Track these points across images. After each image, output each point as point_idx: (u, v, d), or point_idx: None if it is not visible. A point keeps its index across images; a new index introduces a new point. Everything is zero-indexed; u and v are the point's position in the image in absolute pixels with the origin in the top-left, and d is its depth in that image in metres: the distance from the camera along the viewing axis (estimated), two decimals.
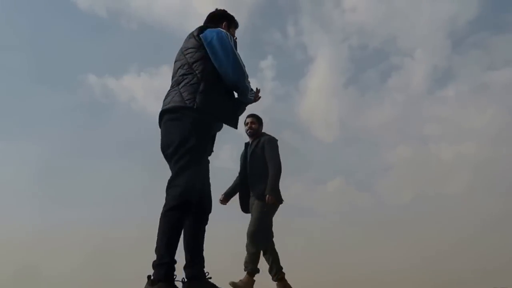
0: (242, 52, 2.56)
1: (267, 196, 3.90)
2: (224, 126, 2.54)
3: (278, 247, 4.08)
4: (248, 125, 4.26)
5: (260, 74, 10.47)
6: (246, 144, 4.31)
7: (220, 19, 2.75)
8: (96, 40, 10.43)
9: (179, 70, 2.45)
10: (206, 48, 2.40)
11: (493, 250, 6.64)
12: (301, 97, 10.79)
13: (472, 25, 9.92)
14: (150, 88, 10.82)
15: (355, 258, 7.12)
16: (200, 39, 2.43)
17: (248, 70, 2.56)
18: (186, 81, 2.36)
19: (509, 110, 9.69)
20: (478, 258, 6.58)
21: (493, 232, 7.23)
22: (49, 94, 10.17)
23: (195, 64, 2.38)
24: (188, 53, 2.44)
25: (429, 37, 10.46)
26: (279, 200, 4.01)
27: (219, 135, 2.60)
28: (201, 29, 2.51)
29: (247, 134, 4.30)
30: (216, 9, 2.82)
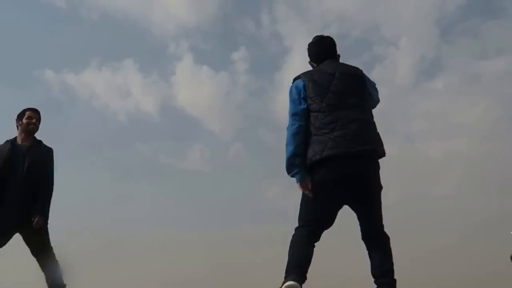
0: (212, 43, 2.11)
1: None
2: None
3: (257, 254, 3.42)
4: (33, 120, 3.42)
5: (232, 67, 10.01)
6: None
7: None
8: (54, 32, 9.94)
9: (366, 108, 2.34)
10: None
11: (484, 252, 6.28)
12: (276, 92, 10.17)
13: (461, 11, 9.62)
14: (112, 84, 10.40)
15: (339, 263, 6.61)
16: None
17: (218, 62, 2.09)
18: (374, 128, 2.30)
19: (502, 103, 9.32)
20: (468, 260, 6.24)
21: (484, 233, 6.88)
22: (0, 91, 9.57)
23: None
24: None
25: (415, 24, 10.05)
26: None
27: (188, 136, 2.07)
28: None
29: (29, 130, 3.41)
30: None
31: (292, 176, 2.23)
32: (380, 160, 2.31)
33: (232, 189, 9.63)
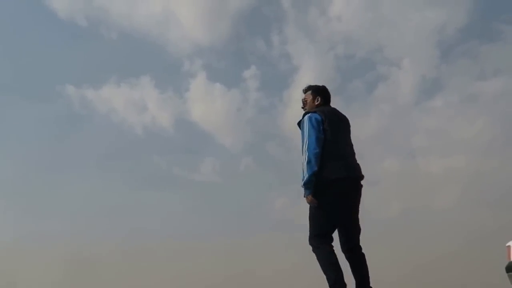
0: (225, 61, 2.58)
1: None
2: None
3: (270, 263, 3.70)
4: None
5: (243, 85, 10.40)
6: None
7: None
8: (75, 50, 10.32)
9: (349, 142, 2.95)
10: None
11: (481, 262, 6.48)
12: (285, 108, 10.63)
13: (461, 33, 9.93)
14: (130, 99, 10.76)
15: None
16: None
17: (231, 80, 2.68)
18: None
19: (499, 121, 9.65)
20: (466, 269, 6.46)
21: (481, 245, 7.09)
22: (24, 105, 10.00)
23: None
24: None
25: (417, 46, 10.41)
26: None
27: (201, 149, 2.50)
28: None
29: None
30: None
31: (306, 189, 2.72)
32: (382, 175, 2.94)
33: (242, 200, 9.91)
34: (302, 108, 3.20)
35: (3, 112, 9.95)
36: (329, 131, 2.76)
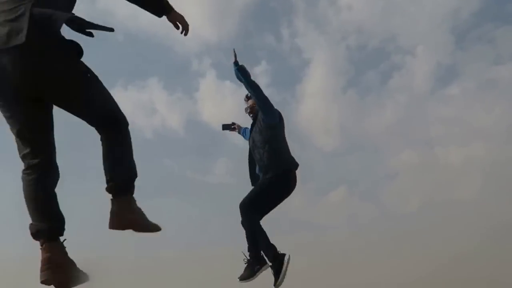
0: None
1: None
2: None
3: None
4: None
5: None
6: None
7: None
8: None
9: None
10: None
11: (507, 257, 6.22)
12: (298, 104, 10.48)
13: (475, 18, 9.71)
14: (138, 102, 10.68)
15: (361, 272, 6.82)
16: None
17: None
18: None
19: None
20: (491, 266, 6.23)
21: (507, 238, 6.82)
22: None
23: None
24: None
25: (430, 33, 10.20)
26: None
27: (214, 150, 2.44)
28: None
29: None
30: None
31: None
32: (400, 168, 3.06)
33: None
34: (248, 111, 3.94)
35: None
36: (283, 130, 3.76)
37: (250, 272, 3.45)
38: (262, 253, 3.47)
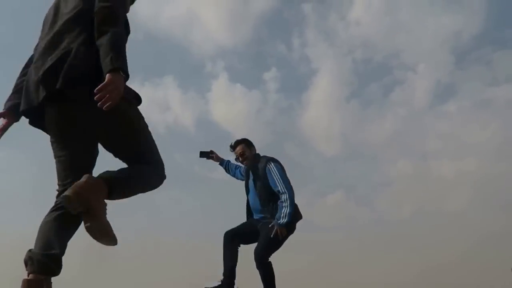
0: (246, 63, 2.70)
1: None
2: None
3: (278, 262, 3.86)
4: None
5: (263, 86, 10.60)
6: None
7: None
8: None
9: None
10: None
11: (493, 267, 6.61)
12: (303, 110, 10.95)
13: (475, 40, 10.05)
14: (153, 99, 10.97)
15: (354, 273, 7.15)
16: None
17: (251, 81, 3.01)
18: None
19: (511, 126, 9.75)
20: (475, 273, 6.59)
21: (491, 247, 7.26)
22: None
23: None
24: None
25: (433, 51, 10.62)
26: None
27: (222, 149, 2.55)
28: None
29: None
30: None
31: (289, 221, 3.40)
32: (395, 176, 3.34)
33: None
34: (240, 159, 3.78)
35: None
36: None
37: None
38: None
